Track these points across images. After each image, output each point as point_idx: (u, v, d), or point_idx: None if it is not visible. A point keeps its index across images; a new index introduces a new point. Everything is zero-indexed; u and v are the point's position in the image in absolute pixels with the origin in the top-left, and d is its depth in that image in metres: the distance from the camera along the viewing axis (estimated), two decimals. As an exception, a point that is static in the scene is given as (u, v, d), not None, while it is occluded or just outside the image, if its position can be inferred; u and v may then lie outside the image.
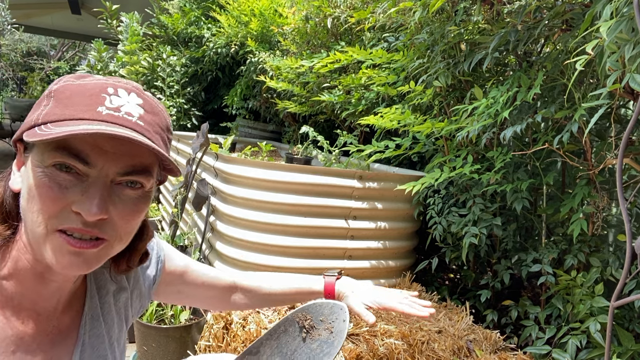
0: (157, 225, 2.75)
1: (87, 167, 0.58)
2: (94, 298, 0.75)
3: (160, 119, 0.65)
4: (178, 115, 4.76)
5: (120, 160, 0.60)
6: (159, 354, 1.91)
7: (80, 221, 0.58)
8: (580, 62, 1.16)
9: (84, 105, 0.58)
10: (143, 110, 0.62)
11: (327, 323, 0.78)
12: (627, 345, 1.42)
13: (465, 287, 2.30)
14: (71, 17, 7.84)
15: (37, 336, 0.66)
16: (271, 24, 3.71)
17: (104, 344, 0.75)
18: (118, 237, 0.63)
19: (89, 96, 0.59)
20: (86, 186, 0.58)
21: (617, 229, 1.88)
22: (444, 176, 1.83)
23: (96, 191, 0.58)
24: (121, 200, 0.61)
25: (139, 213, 0.64)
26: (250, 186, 1.97)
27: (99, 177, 0.59)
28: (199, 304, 1.03)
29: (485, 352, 1.64)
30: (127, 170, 0.60)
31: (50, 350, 0.67)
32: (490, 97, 1.67)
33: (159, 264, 0.90)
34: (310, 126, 2.68)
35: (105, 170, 0.59)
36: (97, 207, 0.57)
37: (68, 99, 0.59)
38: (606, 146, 1.64)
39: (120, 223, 0.62)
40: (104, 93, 0.60)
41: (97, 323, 0.75)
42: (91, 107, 0.58)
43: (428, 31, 1.99)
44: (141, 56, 4.85)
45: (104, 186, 0.59)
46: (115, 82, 0.62)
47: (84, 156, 0.58)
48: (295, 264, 1.96)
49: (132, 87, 0.63)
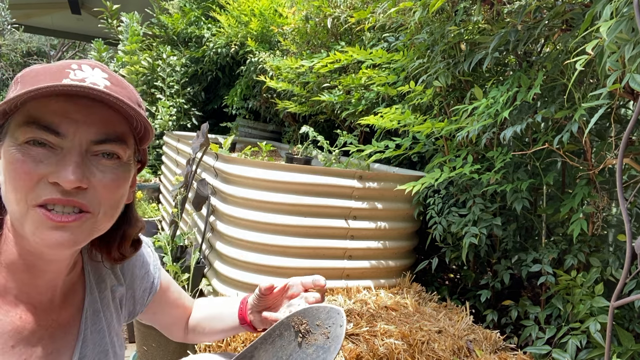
0: (157, 225, 2.75)
1: (59, 138, 0.57)
2: (94, 293, 0.75)
3: (128, 92, 0.64)
4: (178, 115, 4.76)
5: (92, 127, 0.59)
6: (159, 354, 1.91)
7: (59, 191, 0.57)
8: (580, 62, 1.16)
9: (48, 80, 0.58)
10: (109, 82, 0.61)
11: (323, 328, 0.78)
12: (627, 345, 1.42)
13: (465, 287, 2.30)
14: (71, 17, 7.84)
15: (36, 330, 0.66)
16: (271, 24, 3.71)
17: (105, 339, 0.75)
18: (103, 209, 0.62)
19: (54, 72, 0.59)
20: (60, 157, 0.58)
21: (617, 229, 1.87)
22: (444, 176, 1.83)
23: (71, 159, 0.57)
24: (99, 170, 0.60)
25: (121, 183, 0.63)
26: (250, 186, 1.97)
27: (73, 147, 0.58)
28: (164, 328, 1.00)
29: (485, 352, 1.64)
30: (101, 138, 0.60)
31: (50, 345, 0.67)
32: (490, 97, 1.67)
33: (156, 272, 0.89)
34: (310, 126, 2.68)
35: (78, 140, 0.58)
36: (73, 173, 0.56)
37: (33, 78, 0.59)
38: (606, 146, 1.64)
39: (102, 192, 0.61)
40: (67, 69, 0.60)
41: (98, 318, 0.74)
42: (55, 80, 0.58)
43: (428, 31, 1.99)
44: (141, 56, 4.85)
45: (79, 154, 0.58)
46: (79, 61, 0.63)
47: (55, 127, 0.57)
48: (295, 264, 1.96)
49: (97, 64, 0.63)
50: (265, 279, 2.09)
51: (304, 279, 0.88)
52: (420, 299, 2.04)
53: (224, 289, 2.00)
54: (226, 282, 2.02)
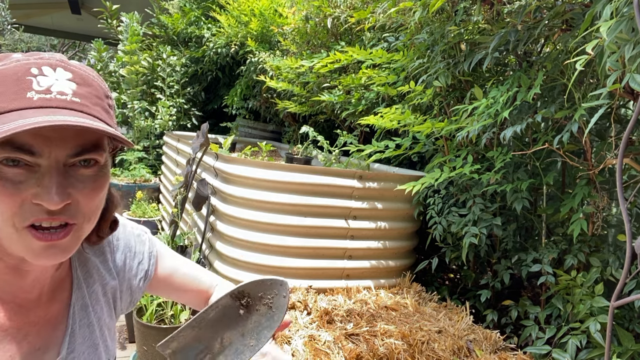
0: (157, 225, 2.75)
1: (34, 158, 0.56)
2: (82, 288, 0.75)
3: (94, 88, 0.62)
4: (178, 115, 4.77)
5: (67, 143, 0.57)
6: (159, 354, 1.91)
7: (44, 211, 0.56)
8: (580, 62, 1.16)
9: (10, 94, 0.55)
10: (75, 85, 0.59)
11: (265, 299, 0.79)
12: (627, 345, 1.42)
13: (465, 287, 2.30)
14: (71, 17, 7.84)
15: (22, 327, 0.65)
16: (271, 24, 3.72)
17: (94, 333, 0.75)
18: (86, 218, 0.61)
19: (14, 82, 0.56)
20: (40, 176, 0.56)
21: (617, 229, 1.87)
22: (444, 176, 1.83)
23: (51, 179, 0.56)
24: (79, 181, 0.59)
25: (101, 189, 0.62)
26: (250, 186, 1.96)
27: (51, 165, 0.56)
28: (187, 304, 1.03)
29: (485, 352, 1.64)
30: (77, 150, 0.58)
31: (38, 341, 0.67)
32: (490, 97, 1.67)
33: (151, 259, 0.89)
34: (310, 126, 2.68)
35: (54, 157, 0.57)
36: (58, 196, 0.55)
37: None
38: (606, 146, 1.64)
39: (84, 202, 0.60)
40: (28, 75, 0.56)
41: (86, 313, 0.74)
42: (19, 95, 0.55)
43: (428, 31, 1.99)
44: (141, 56, 4.85)
45: (58, 172, 0.57)
46: (37, 60, 0.59)
47: (29, 147, 0.55)
48: (295, 264, 1.96)
49: (57, 61, 0.60)
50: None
51: None
52: (420, 299, 2.04)
53: (224, 289, 2.00)
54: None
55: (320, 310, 1.75)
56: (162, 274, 0.92)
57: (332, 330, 1.63)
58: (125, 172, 4.35)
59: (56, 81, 0.57)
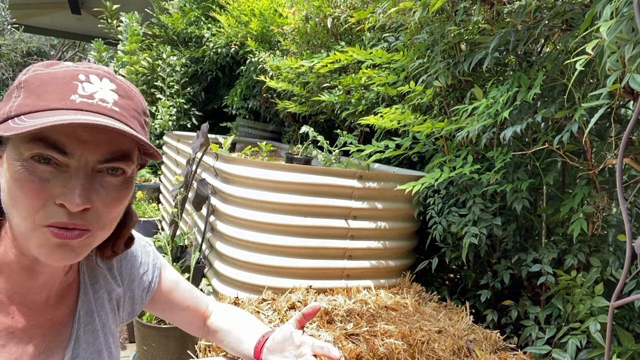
0: (157, 225, 2.75)
1: (66, 158, 0.57)
2: (88, 293, 0.75)
3: (135, 103, 0.64)
4: (178, 115, 4.77)
5: (99, 148, 0.59)
6: (159, 354, 1.91)
7: (65, 214, 0.58)
8: (580, 62, 1.16)
9: (56, 94, 0.57)
10: (117, 96, 0.61)
11: None
12: (627, 345, 1.42)
13: (465, 287, 2.30)
14: (71, 17, 7.84)
15: (29, 329, 0.66)
16: (271, 24, 3.72)
17: (98, 339, 0.75)
18: (101, 226, 0.62)
19: (61, 84, 0.58)
20: (67, 177, 0.58)
21: (617, 229, 1.87)
22: (444, 176, 1.83)
23: (77, 181, 0.57)
24: (103, 188, 0.60)
25: (122, 200, 0.63)
26: (250, 186, 1.96)
27: (79, 167, 0.58)
28: (179, 325, 1.00)
29: (485, 352, 1.64)
30: (107, 157, 0.60)
31: (42, 344, 0.67)
32: (490, 97, 1.67)
33: (155, 271, 0.89)
34: (310, 126, 2.68)
35: (84, 159, 0.58)
36: (80, 198, 0.57)
37: (39, 89, 0.58)
38: (606, 146, 1.64)
39: (103, 211, 0.61)
40: (75, 80, 0.59)
41: (92, 318, 0.74)
42: (64, 96, 0.57)
43: (428, 31, 1.99)
44: (141, 56, 4.85)
45: (85, 176, 0.58)
46: (86, 68, 0.61)
47: (62, 146, 0.57)
48: (295, 264, 1.96)
49: (104, 72, 0.62)
50: (266, 279, 2.09)
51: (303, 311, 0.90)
52: (420, 299, 2.04)
53: (224, 288, 2.00)
54: (226, 282, 2.02)
55: (320, 310, 1.75)
56: (165, 287, 0.92)
57: (332, 330, 1.63)
58: (125, 172, 4.35)
59: (100, 89, 0.60)
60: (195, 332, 1.02)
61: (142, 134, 0.62)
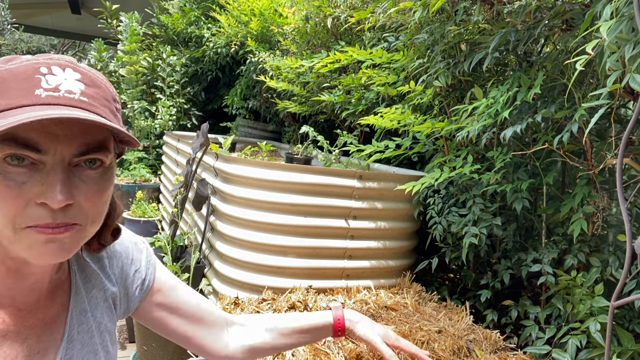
0: (157, 225, 2.75)
1: (40, 155, 0.55)
2: (80, 293, 0.74)
3: (103, 90, 0.61)
4: (178, 115, 4.77)
5: (73, 141, 0.57)
6: (159, 354, 1.91)
7: (48, 214, 0.56)
8: (580, 62, 1.16)
9: (19, 91, 0.55)
10: (84, 85, 0.58)
11: None
12: (627, 345, 1.42)
13: (465, 287, 2.30)
14: (71, 17, 7.84)
15: (21, 331, 0.65)
16: (271, 23, 3.72)
17: (94, 339, 0.74)
18: (90, 219, 0.61)
19: (22, 80, 0.55)
20: (44, 175, 0.56)
21: (617, 229, 1.87)
22: (444, 176, 1.83)
23: (56, 177, 0.56)
24: (83, 182, 0.59)
25: (105, 191, 0.62)
26: (250, 186, 1.97)
27: (55, 163, 0.56)
28: (184, 342, 0.91)
29: (485, 352, 1.64)
30: (82, 150, 0.58)
31: (36, 345, 0.66)
32: (490, 97, 1.67)
33: (149, 268, 0.86)
34: (310, 126, 2.68)
35: (59, 155, 0.56)
36: (62, 194, 0.55)
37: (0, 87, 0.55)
38: (606, 146, 1.64)
39: (87, 205, 0.59)
40: (37, 74, 0.56)
41: (85, 318, 0.73)
42: (28, 92, 0.55)
43: (428, 31, 1.99)
44: (141, 56, 4.85)
45: (63, 171, 0.57)
46: (47, 60, 0.58)
47: (34, 144, 0.55)
48: (295, 264, 1.96)
49: (66, 62, 0.60)
50: (266, 279, 2.09)
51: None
52: (420, 298, 2.04)
53: (224, 288, 2.00)
54: (226, 282, 2.02)
55: (320, 310, 1.75)
56: (161, 284, 0.88)
57: (332, 330, 1.63)
58: (125, 172, 4.36)
59: (65, 80, 0.57)
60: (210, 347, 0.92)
61: (114, 122, 0.60)
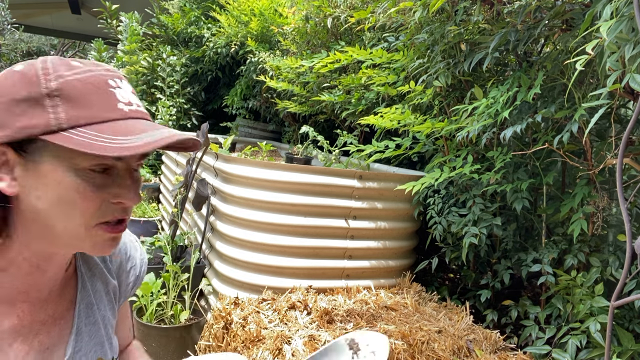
0: (157, 225, 2.75)
1: (117, 162, 0.62)
2: (86, 287, 0.76)
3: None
4: (178, 115, 4.76)
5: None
6: (159, 354, 1.91)
7: (121, 209, 0.63)
8: (580, 62, 1.16)
9: (102, 104, 0.59)
10: (135, 96, 0.65)
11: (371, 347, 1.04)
12: (627, 345, 1.42)
13: (465, 287, 2.30)
14: (71, 17, 7.84)
15: (33, 326, 0.67)
16: (271, 23, 3.72)
17: (100, 332, 0.76)
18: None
19: (100, 93, 0.60)
20: (119, 178, 0.63)
21: (617, 229, 1.87)
22: (444, 176, 1.83)
23: (129, 181, 0.63)
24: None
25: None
26: (250, 186, 1.97)
27: (126, 168, 0.64)
28: None
29: (485, 352, 1.64)
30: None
31: (47, 340, 0.68)
32: (490, 97, 1.67)
33: (142, 266, 0.90)
34: (310, 126, 2.68)
35: (130, 161, 0.64)
36: (136, 194, 0.64)
37: (81, 98, 0.58)
38: (606, 146, 1.64)
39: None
40: (109, 87, 0.61)
41: (92, 311, 0.76)
42: (111, 105, 0.60)
43: (428, 31, 1.99)
44: (141, 56, 4.85)
45: (131, 175, 0.64)
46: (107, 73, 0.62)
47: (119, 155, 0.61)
48: (295, 264, 1.96)
49: (117, 73, 0.65)
50: (266, 279, 2.09)
51: None
52: (420, 298, 2.04)
53: (224, 288, 2.00)
54: (226, 282, 2.02)
55: (320, 310, 1.75)
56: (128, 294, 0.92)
57: (332, 330, 1.63)
58: (125, 172, 4.35)
59: (130, 94, 0.64)
60: None
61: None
